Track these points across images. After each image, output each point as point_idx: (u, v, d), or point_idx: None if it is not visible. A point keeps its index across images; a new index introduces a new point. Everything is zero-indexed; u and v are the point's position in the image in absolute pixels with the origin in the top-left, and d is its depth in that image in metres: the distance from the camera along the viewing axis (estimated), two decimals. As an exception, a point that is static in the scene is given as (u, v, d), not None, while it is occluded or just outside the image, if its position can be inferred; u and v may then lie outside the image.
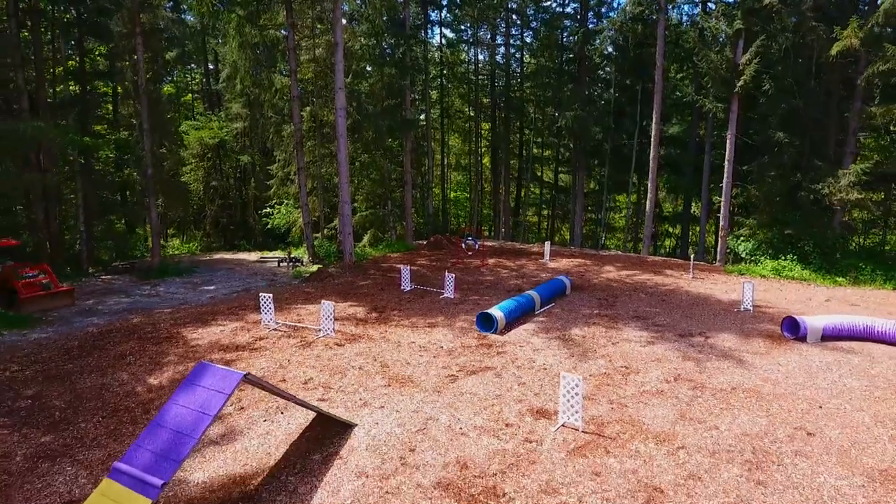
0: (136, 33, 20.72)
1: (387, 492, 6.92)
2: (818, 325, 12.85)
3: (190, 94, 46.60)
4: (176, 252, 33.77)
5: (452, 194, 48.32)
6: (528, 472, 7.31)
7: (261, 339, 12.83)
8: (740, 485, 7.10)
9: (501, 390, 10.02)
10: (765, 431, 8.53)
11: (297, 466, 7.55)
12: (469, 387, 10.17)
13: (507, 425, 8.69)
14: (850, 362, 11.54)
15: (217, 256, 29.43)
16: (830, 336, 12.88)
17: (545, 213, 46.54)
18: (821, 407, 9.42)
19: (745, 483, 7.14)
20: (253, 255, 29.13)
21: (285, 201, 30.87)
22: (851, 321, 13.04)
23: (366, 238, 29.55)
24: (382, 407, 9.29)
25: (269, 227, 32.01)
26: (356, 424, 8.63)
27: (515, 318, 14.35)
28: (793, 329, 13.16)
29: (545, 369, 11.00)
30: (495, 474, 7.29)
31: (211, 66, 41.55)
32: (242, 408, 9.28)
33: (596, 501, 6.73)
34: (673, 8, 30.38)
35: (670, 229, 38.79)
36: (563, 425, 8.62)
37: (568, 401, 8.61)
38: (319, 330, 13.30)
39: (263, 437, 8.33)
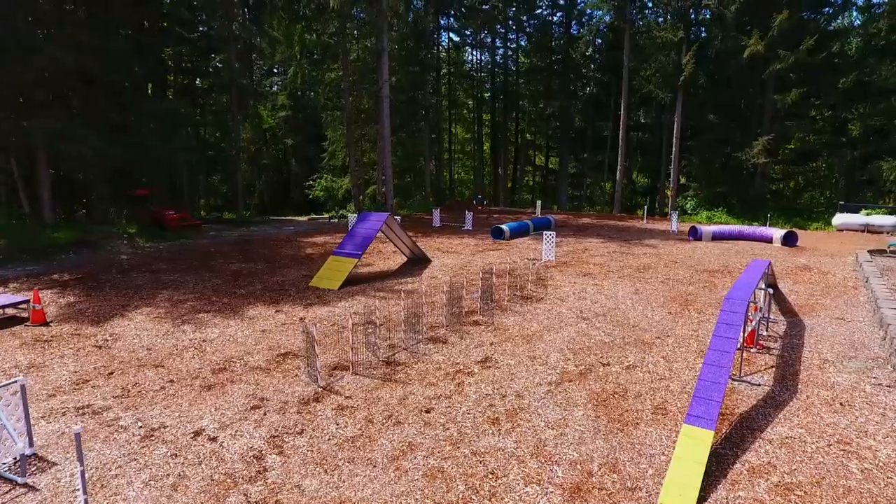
0: (231, 40, 27.75)
1: (456, 273, 14.15)
2: (710, 230, 20.21)
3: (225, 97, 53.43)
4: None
5: (457, 176, 55.52)
6: (521, 270, 14.56)
7: (353, 240, 19.97)
8: (632, 274, 14.38)
9: (510, 254, 17.29)
10: (652, 262, 15.84)
11: (408, 269, 14.80)
12: (490, 254, 17.42)
13: (512, 261, 15.95)
14: (720, 245, 18.91)
15: (274, 218, 36.44)
16: (718, 237, 20.20)
17: (538, 195, 53.85)
18: (690, 256, 16.76)
19: (634, 273, 14.42)
20: (303, 217, 36.17)
21: (325, 175, 37.84)
22: (731, 228, 20.42)
23: (394, 203, 36.64)
24: (443, 257, 16.54)
25: (310, 197, 38.96)
26: (431, 260, 15.89)
27: (517, 234, 21.56)
28: (695, 234, 20.48)
29: (536, 250, 18.24)
30: (507, 271, 14.53)
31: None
32: (368, 255, 16.50)
33: (558, 277, 14.00)
34: (641, 20, 37.52)
35: (640, 200, 46.13)
36: (544, 262, 15.88)
37: (546, 247, 15.86)
38: (390, 236, 20.48)
39: (386, 263, 15.58)
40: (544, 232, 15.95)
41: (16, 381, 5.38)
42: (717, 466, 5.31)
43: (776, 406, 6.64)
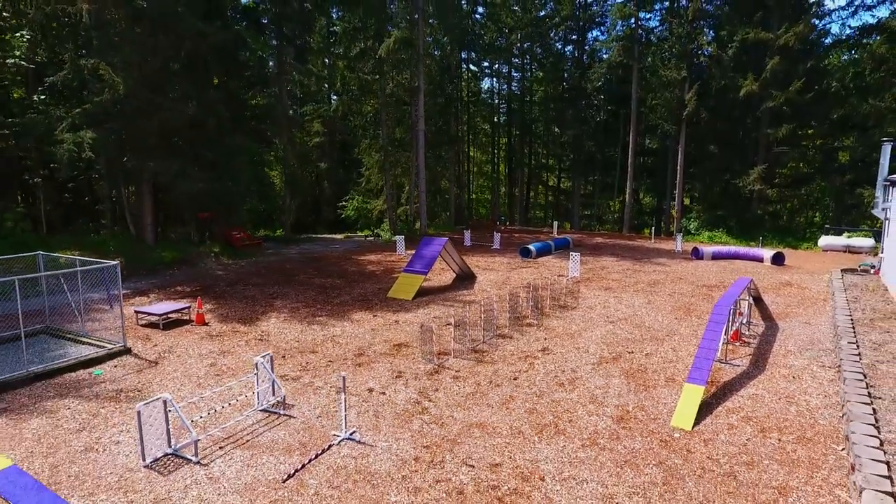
0: (282, 79, 31.38)
1: (501, 287, 17.38)
2: (710, 250, 23.42)
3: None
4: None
5: (475, 196, 59.00)
6: (554, 284, 17.76)
7: (401, 259, 23.27)
8: (644, 288, 17.57)
9: (540, 271, 20.53)
10: (660, 279, 19.04)
11: (460, 284, 18.05)
12: (523, 271, 20.67)
13: (544, 277, 19.17)
14: (718, 264, 22.10)
15: (314, 236, 39.84)
16: (717, 257, 23.38)
17: (550, 213, 57.18)
18: (693, 273, 19.95)
19: (646, 288, 17.62)
20: (339, 235, 39.53)
21: (357, 196, 41.28)
22: (728, 248, 23.62)
23: (426, 224, 39.98)
24: (484, 274, 19.79)
25: (342, 216, 42.36)
26: (476, 276, 19.14)
27: (541, 253, 24.81)
28: (697, 254, 23.67)
29: (561, 267, 21.47)
30: (545, 286, 17.74)
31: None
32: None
33: (584, 290, 17.21)
34: (648, 56, 41.03)
35: (647, 220, 49.36)
36: (571, 277, 19.10)
37: (572, 266, 19.10)
38: (433, 255, 23.73)
39: (438, 279, 18.84)
40: (571, 252, 19.20)
41: (268, 354, 8.64)
42: (707, 408, 8.49)
43: (749, 378, 9.81)
